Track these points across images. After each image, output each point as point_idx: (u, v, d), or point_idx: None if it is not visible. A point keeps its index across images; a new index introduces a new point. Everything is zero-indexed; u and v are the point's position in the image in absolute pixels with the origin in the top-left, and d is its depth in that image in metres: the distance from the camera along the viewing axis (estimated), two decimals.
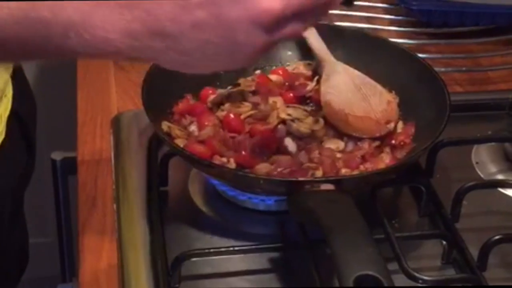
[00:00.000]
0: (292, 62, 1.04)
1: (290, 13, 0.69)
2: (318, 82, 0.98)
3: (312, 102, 0.98)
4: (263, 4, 0.68)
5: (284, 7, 0.68)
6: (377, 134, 0.94)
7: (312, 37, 1.00)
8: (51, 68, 1.62)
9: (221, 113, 0.95)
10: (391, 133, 0.94)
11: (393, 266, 0.79)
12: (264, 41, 0.70)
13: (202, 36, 0.69)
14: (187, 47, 0.69)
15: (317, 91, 0.98)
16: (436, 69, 0.99)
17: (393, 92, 0.99)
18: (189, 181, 0.95)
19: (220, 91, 0.98)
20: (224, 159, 0.88)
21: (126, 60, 0.72)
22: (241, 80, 1.00)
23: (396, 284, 0.69)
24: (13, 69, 1.04)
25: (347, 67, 0.99)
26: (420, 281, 0.79)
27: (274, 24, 0.69)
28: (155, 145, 0.97)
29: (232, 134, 0.92)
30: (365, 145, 0.92)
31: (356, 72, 0.98)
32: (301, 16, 0.71)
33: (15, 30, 0.68)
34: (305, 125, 0.93)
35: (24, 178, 1.12)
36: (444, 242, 0.85)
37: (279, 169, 0.87)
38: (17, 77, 1.07)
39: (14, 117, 1.04)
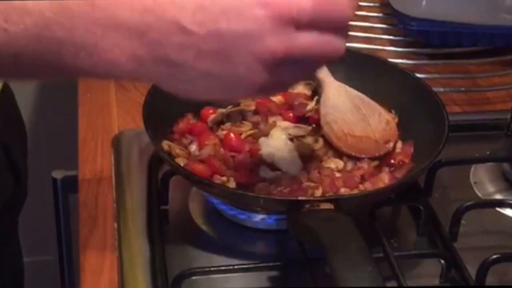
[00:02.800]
0: None
1: (292, 58, 0.71)
2: (318, 102, 0.99)
3: (311, 121, 0.98)
4: (267, 44, 0.69)
5: (287, 51, 0.70)
6: (376, 154, 0.94)
7: None
8: (52, 87, 1.62)
9: (221, 133, 0.96)
10: (390, 153, 0.95)
11: (391, 284, 0.80)
12: (263, 80, 0.71)
13: (205, 67, 0.70)
14: (190, 76, 0.71)
15: (317, 111, 0.98)
16: (435, 89, 0.99)
17: (392, 112, 0.99)
18: (189, 200, 0.95)
19: (221, 110, 0.99)
20: (224, 178, 0.89)
21: (131, 81, 0.73)
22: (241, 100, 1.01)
23: None
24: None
25: (346, 87, 0.99)
26: None
27: (275, 66, 0.70)
28: (155, 164, 0.98)
29: (232, 153, 0.92)
30: (364, 165, 0.92)
31: (355, 92, 0.99)
32: (301, 64, 0.73)
33: (28, 46, 0.69)
34: (304, 145, 0.94)
35: (13, 205, 1.12)
36: (443, 261, 0.85)
37: (279, 188, 0.88)
38: (6, 107, 1.07)
39: (1, 147, 1.05)
